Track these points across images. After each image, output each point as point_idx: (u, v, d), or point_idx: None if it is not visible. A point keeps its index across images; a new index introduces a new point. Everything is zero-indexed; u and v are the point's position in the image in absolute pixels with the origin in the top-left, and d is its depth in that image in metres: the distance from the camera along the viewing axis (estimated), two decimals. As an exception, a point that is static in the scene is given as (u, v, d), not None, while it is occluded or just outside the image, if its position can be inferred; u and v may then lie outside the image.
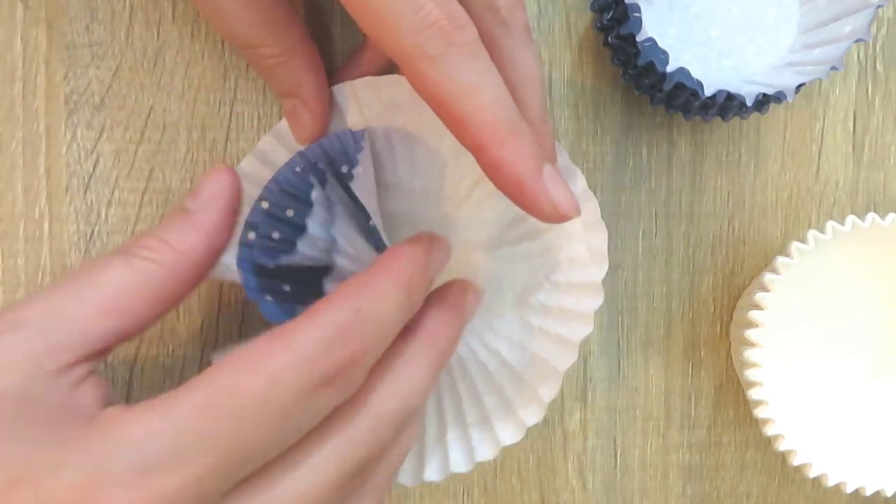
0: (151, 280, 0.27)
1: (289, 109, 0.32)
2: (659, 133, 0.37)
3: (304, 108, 0.31)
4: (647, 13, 0.34)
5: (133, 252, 0.27)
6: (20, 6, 0.34)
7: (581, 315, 0.32)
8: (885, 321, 0.37)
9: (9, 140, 0.34)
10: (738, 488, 0.38)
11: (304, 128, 0.31)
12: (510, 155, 0.25)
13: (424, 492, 0.37)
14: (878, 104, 0.38)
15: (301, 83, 0.31)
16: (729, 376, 0.38)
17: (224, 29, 0.30)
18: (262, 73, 0.32)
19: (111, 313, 0.26)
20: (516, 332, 0.33)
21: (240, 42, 0.31)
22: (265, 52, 0.30)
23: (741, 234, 0.37)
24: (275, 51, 0.30)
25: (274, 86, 0.32)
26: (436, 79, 0.24)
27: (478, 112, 0.25)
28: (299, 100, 0.31)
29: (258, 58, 0.31)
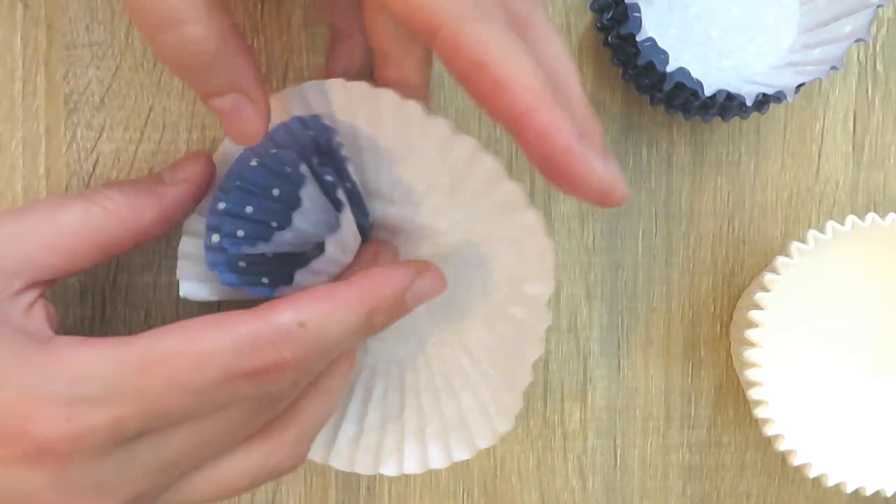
0: (103, 229, 0.29)
1: (228, 107, 0.27)
2: (659, 133, 0.37)
3: (247, 101, 0.28)
4: (647, 13, 0.34)
5: (95, 200, 0.29)
6: (20, 6, 0.34)
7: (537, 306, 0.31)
8: (885, 321, 0.37)
9: (9, 140, 0.34)
10: (738, 488, 0.38)
11: (251, 124, 0.28)
12: (559, 120, 0.23)
13: (424, 492, 0.37)
14: (878, 104, 0.38)
15: (241, 72, 0.27)
16: (729, 376, 0.38)
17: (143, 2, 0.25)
18: (186, 65, 0.26)
19: (60, 251, 0.28)
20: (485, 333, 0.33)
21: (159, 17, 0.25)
22: (192, 31, 0.25)
23: (741, 234, 0.37)
24: (204, 31, 0.26)
25: (202, 81, 0.27)
26: (480, 39, 0.23)
27: (523, 74, 0.23)
28: (240, 93, 0.27)
29: (180, 42, 0.26)
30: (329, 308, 0.27)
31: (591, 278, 0.37)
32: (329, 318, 0.27)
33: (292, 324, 0.26)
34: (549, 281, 0.31)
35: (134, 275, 0.35)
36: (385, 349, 0.34)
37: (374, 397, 0.34)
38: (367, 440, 0.33)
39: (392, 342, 0.34)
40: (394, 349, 0.34)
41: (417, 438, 0.33)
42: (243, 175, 0.31)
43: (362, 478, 0.37)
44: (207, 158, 0.31)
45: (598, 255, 0.37)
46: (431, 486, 0.37)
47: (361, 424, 0.34)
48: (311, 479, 0.36)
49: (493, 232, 0.32)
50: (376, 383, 0.34)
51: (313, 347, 0.27)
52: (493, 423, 0.33)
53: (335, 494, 0.37)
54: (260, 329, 0.26)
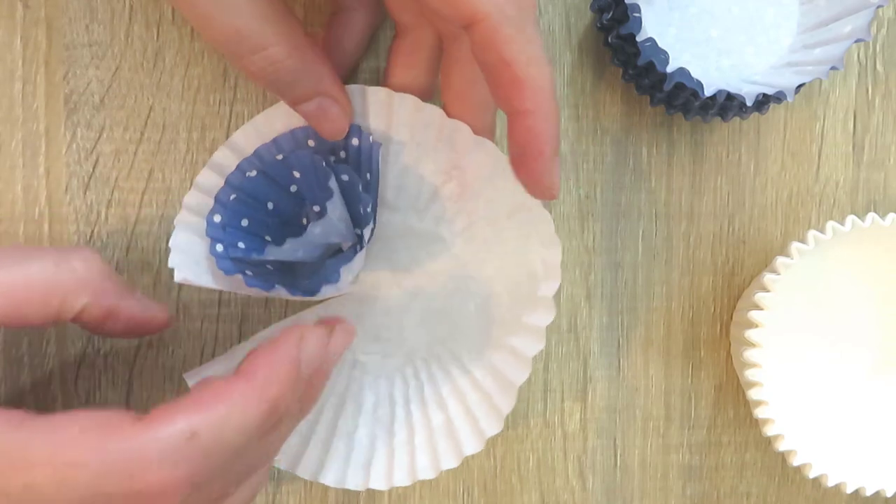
0: (62, 286, 0.28)
1: (313, 110, 0.30)
2: (659, 133, 0.37)
3: (331, 102, 0.30)
4: (647, 13, 0.34)
5: (69, 253, 0.28)
6: (20, 6, 0.34)
7: (535, 330, 0.31)
8: (884, 321, 0.37)
9: (9, 140, 0.34)
10: (738, 488, 0.38)
11: (337, 121, 0.30)
12: (550, 126, 0.27)
13: (424, 492, 0.37)
14: (878, 104, 0.38)
15: (321, 78, 0.30)
16: (729, 376, 0.38)
17: (221, 29, 0.27)
18: (273, 82, 0.29)
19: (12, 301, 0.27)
20: (478, 344, 0.33)
21: (244, 45, 0.28)
22: (275, 52, 0.28)
23: (741, 234, 0.37)
24: (286, 49, 0.28)
25: (289, 91, 0.30)
26: (512, 41, 0.25)
27: (540, 77, 0.26)
28: (324, 96, 0.30)
29: (267, 62, 0.28)
30: (224, 412, 0.24)
31: (591, 278, 0.37)
32: (225, 423, 0.24)
33: (181, 437, 0.24)
34: (556, 280, 0.31)
35: (134, 275, 0.35)
36: (375, 364, 0.34)
37: (364, 411, 0.34)
38: (357, 455, 0.33)
39: (381, 357, 0.34)
40: (383, 364, 0.34)
41: (406, 448, 0.33)
42: (241, 186, 0.31)
43: (362, 478, 0.37)
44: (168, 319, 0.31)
45: (598, 255, 0.37)
46: (431, 486, 0.37)
47: (352, 439, 0.34)
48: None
49: (499, 235, 0.32)
50: (366, 397, 0.34)
51: (208, 459, 0.24)
52: (480, 427, 0.33)
53: (335, 494, 0.37)
54: (141, 445, 0.23)
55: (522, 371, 0.31)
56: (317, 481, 0.33)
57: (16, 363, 0.35)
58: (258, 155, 0.32)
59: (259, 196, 0.32)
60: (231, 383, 0.25)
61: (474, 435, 0.32)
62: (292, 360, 0.27)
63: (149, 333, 0.31)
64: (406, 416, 0.34)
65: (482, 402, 0.33)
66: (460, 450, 0.32)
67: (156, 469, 0.23)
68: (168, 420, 0.24)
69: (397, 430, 0.33)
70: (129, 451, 0.23)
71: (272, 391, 0.26)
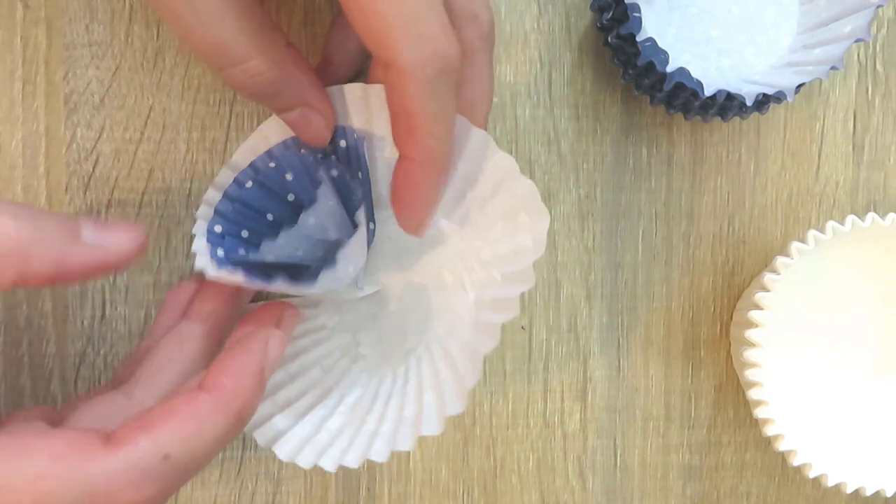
0: None
1: (296, 118, 0.30)
2: (659, 133, 0.37)
3: (314, 112, 0.30)
4: (647, 13, 0.34)
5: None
6: (20, 6, 0.34)
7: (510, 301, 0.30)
8: (884, 321, 0.37)
9: (9, 140, 0.34)
10: (738, 488, 0.38)
11: (318, 129, 0.31)
12: (428, 178, 0.28)
13: (424, 492, 0.37)
14: (878, 104, 0.38)
15: (302, 89, 0.30)
16: (729, 376, 0.38)
17: (203, 41, 0.27)
18: (253, 92, 0.29)
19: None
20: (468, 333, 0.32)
21: (225, 58, 0.28)
22: (256, 65, 0.28)
23: (741, 234, 0.37)
24: (266, 62, 0.28)
25: (270, 102, 0.30)
26: (418, 97, 0.26)
27: (431, 138, 0.27)
28: (305, 106, 0.30)
29: (247, 75, 0.28)
30: (196, 429, 0.25)
31: (591, 278, 0.37)
32: (197, 440, 0.25)
33: (155, 458, 0.24)
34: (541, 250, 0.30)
35: (134, 275, 0.35)
36: (374, 362, 0.34)
37: (345, 404, 0.33)
38: (320, 437, 0.32)
39: (381, 357, 0.34)
40: (381, 362, 0.34)
41: (369, 436, 0.32)
42: (239, 197, 0.32)
43: (362, 478, 0.37)
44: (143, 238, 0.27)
45: (598, 255, 0.37)
46: (431, 486, 0.37)
47: (321, 425, 0.33)
48: (311, 480, 0.36)
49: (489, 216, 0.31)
50: (353, 392, 0.34)
51: (180, 476, 0.25)
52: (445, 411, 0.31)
53: (335, 494, 0.37)
54: (115, 470, 0.23)
55: (489, 339, 0.30)
56: (270, 449, 0.32)
57: (16, 363, 0.35)
58: (253, 166, 0.32)
59: (257, 207, 0.32)
60: (199, 398, 0.25)
61: (437, 418, 0.31)
62: (259, 367, 0.27)
63: (121, 269, 0.29)
64: (382, 409, 0.33)
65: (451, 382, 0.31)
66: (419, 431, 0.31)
67: (132, 492, 0.24)
68: (139, 441, 0.24)
69: (368, 420, 0.32)
70: (103, 477, 0.23)
71: (240, 403, 0.26)
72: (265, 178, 0.32)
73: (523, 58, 0.36)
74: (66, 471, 0.23)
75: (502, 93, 0.36)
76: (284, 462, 0.36)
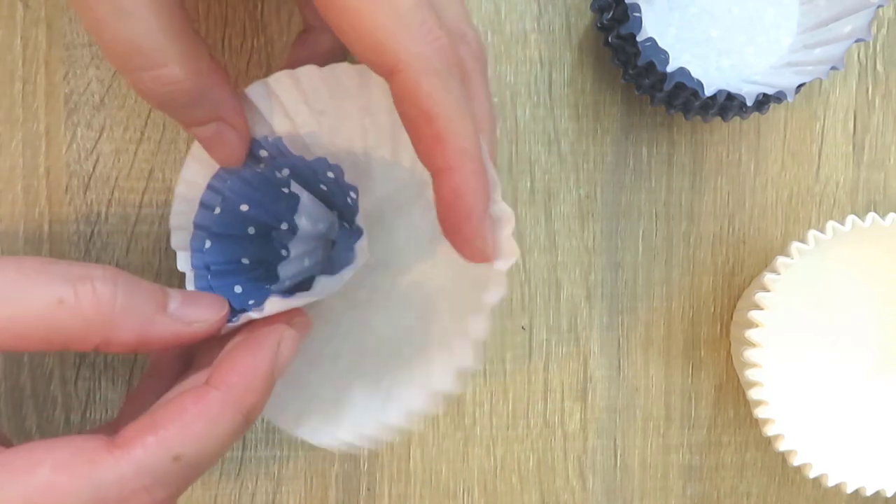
0: (64, 327, 0.24)
1: (209, 136, 0.28)
2: (659, 133, 0.37)
3: (228, 127, 0.28)
4: (647, 13, 0.34)
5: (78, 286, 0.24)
6: (20, 6, 0.34)
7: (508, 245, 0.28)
8: (884, 321, 0.37)
9: (9, 140, 0.34)
10: (738, 488, 0.38)
11: (233, 148, 0.28)
12: (476, 185, 0.25)
13: (424, 492, 0.37)
14: (878, 104, 0.38)
15: (219, 103, 0.27)
16: (729, 376, 0.38)
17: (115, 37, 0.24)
18: (164, 101, 0.26)
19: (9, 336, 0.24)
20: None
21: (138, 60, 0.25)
22: (171, 73, 0.25)
23: (741, 234, 0.37)
24: (184, 71, 0.25)
25: (182, 115, 0.27)
26: (435, 94, 0.24)
27: (462, 137, 0.24)
28: (221, 121, 0.28)
29: (159, 83, 0.25)
30: (206, 429, 0.24)
31: (591, 278, 0.37)
32: (207, 440, 0.24)
33: (166, 460, 0.23)
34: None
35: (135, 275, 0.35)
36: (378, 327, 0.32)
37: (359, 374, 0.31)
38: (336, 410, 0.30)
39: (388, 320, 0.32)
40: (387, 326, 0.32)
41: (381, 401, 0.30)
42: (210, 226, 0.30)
43: (363, 478, 0.37)
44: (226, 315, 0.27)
45: (598, 255, 0.37)
46: (431, 486, 0.37)
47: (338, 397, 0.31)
48: (311, 480, 0.36)
49: None
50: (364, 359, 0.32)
51: (191, 477, 0.24)
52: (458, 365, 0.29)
53: (335, 494, 0.37)
54: (126, 473, 0.23)
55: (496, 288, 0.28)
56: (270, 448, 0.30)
57: (16, 363, 0.35)
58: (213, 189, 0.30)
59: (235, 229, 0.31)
60: (208, 396, 0.24)
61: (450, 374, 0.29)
62: (270, 367, 0.26)
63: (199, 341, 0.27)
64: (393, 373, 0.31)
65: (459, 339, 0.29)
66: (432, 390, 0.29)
67: (144, 497, 0.23)
68: (147, 443, 0.23)
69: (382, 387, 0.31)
70: (113, 483, 0.23)
71: (250, 401, 0.25)
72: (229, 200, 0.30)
73: (523, 58, 0.36)
74: (73, 480, 0.22)
75: (502, 93, 0.36)
76: (284, 462, 0.36)
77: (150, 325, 0.25)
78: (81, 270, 0.25)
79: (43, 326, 0.24)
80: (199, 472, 0.24)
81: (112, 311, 0.24)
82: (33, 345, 0.24)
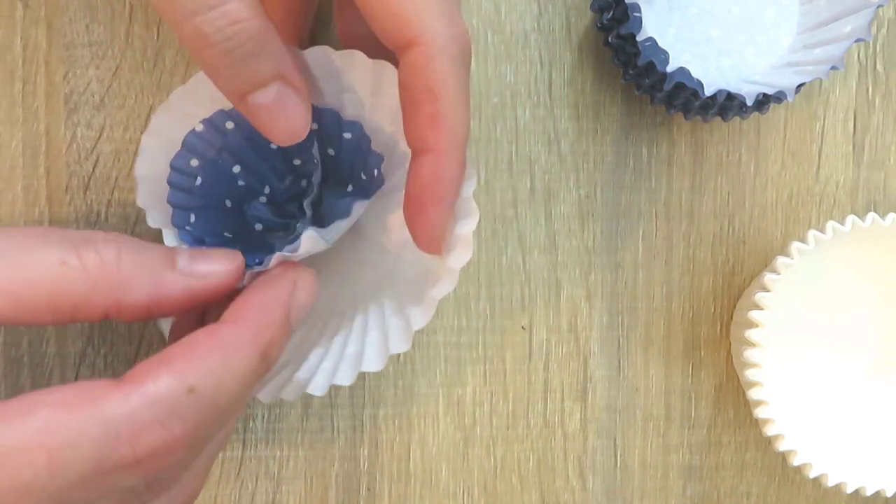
0: (71, 291, 0.23)
1: (269, 103, 0.24)
2: (659, 133, 0.37)
3: (291, 90, 0.25)
4: (647, 13, 0.34)
5: (81, 251, 0.23)
6: (20, 6, 0.34)
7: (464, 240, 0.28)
8: (884, 321, 0.37)
9: (9, 140, 0.34)
10: (738, 488, 0.38)
11: (296, 119, 0.25)
12: (454, 174, 0.25)
13: (424, 492, 0.37)
14: (878, 104, 0.38)
15: (282, 55, 0.24)
16: (729, 376, 0.38)
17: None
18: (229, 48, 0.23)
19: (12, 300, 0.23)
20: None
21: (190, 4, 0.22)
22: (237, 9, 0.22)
23: (741, 234, 0.37)
24: (248, 10, 0.23)
25: (244, 69, 0.24)
26: (445, 75, 0.24)
27: (458, 124, 0.25)
28: (283, 81, 0.24)
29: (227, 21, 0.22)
30: (221, 362, 0.22)
31: (591, 278, 0.37)
32: (224, 374, 0.22)
33: (179, 392, 0.22)
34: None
35: (134, 275, 0.35)
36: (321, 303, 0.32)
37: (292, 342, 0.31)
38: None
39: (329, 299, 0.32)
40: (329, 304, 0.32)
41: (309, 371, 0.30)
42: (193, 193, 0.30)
43: (363, 478, 0.37)
44: (240, 264, 0.26)
45: (598, 255, 0.37)
46: (431, 486, 0.37)
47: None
48: (311, 479, 0.37)
49: None
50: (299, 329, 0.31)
51: (208, 414, 0.22)
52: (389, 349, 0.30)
53: (335, 494, 0.37)
54: (137, 406, 0.21)
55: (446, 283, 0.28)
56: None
57: (16, 363, 0.35)
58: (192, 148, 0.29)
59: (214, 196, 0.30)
60: (221, 330, 0.23)
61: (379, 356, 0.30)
62: (284, 305, 0.24)
63: (218, 298, 0.25)
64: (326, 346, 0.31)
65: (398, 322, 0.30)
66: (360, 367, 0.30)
67: (158, 430, 0.21)
68: (160, 375, 0.22)
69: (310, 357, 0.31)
70: (124, 416, 0.21)
71: (265, 337, 0.23)
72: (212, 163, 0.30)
73: (523, 58, 0.36)
74: (78, 418, 0.21)
75: (502, 93, 0.36)
76: (284, 462, 0.36)
77: (160, 282, 0.24)
78: (84, 234, 0.24)
79: (46, 290, 0.23)
80: (221, 414, 0.23)
81: (118, 270, 0.23)
82: (39, 314, 0.23)
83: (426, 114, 0.24)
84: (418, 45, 0.24)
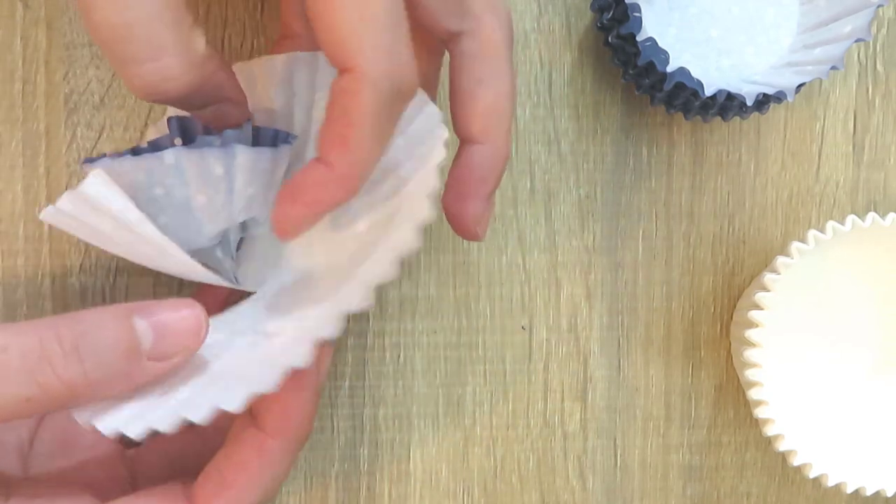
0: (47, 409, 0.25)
1: (210, 116, 0.27)
2: (659, 133, 0.37)
3: (231, 106, 0.27)
4: (647, 13, 0.34)
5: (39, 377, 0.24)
6: (20, 6, 0.34)
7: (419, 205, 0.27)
8: (884, 321, 0.37)
9: (9, 140, 0.34)
10: (738, 488, 0.38)
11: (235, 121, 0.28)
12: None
13: (424, 492, 0.37)
14: (878, 104, 0.38)
15: (220, 90, 0.26)
16: (729, 376, 0.38)
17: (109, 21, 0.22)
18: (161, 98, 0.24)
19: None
20: None
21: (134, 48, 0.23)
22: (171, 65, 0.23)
23: (741, 234, 0.37)
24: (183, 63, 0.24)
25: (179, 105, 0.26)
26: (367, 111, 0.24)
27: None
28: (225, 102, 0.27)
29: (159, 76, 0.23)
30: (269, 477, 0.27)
31: (591, 278, 0.37)
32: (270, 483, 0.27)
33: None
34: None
35: (134, 275, 0.35)
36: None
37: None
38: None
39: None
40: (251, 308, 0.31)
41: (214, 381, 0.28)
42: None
43: (363, 478, 0.37)
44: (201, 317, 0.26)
45: (598, 255, 0.37)
46: (431, 486, 0.37)
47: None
48: (311, 480, 0.36)
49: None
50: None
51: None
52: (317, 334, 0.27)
53: (335, 494, 0.37)
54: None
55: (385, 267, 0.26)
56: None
57: (16, 363, 0.35)
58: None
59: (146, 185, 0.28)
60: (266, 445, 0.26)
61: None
62: (315, 400, 0.28)
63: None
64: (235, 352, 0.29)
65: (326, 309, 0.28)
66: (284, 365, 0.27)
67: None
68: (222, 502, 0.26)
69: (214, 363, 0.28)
70: None
71: (303, 436, 0.27)
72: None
73: (523, 58, 0.36)
74: None
75: (502, 93, 0.36)
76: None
77: (129, 381, 0.25)
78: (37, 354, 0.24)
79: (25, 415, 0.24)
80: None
81: (86, 385, 0.24)
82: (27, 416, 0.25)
83: (337, 134, 0.24)
84: (349, 73, 0.24)
